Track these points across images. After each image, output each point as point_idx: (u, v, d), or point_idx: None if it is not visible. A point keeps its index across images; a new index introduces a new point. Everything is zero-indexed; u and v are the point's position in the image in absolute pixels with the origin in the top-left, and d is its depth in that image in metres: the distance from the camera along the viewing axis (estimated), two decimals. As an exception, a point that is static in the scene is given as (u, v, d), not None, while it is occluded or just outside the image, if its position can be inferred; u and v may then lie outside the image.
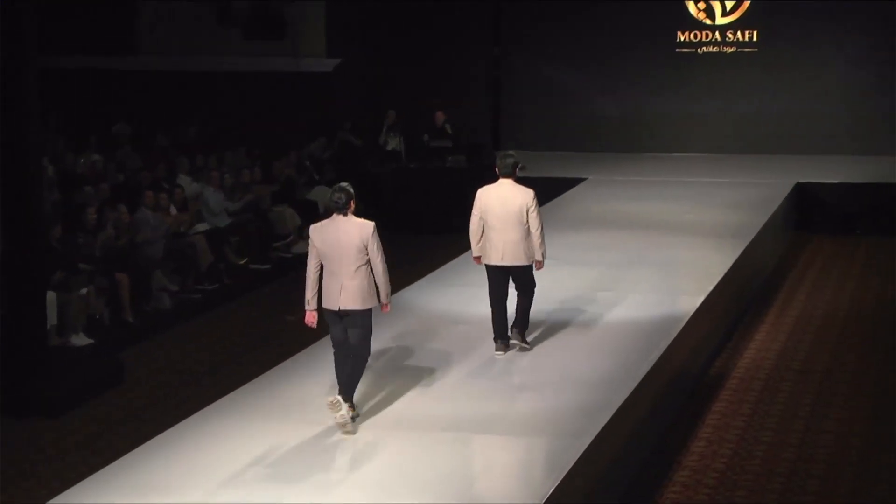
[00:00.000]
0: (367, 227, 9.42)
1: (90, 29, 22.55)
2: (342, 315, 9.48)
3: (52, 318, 13.23)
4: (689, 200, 18.56)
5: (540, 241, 10.90)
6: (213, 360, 14.09)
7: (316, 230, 9.52)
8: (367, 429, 9.52)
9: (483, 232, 10.97)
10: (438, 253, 16.63)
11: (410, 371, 10.73)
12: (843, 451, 10.97)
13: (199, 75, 22.48)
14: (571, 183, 20.07)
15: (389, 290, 9.54)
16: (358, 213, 9.74)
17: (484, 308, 11.70)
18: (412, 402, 10.03)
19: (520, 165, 11.19)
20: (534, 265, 11.05)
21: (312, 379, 10.60)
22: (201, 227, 16.85)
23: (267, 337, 14.82)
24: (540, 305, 12.07)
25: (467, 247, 15.30)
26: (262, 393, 10.33)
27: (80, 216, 15.13)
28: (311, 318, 9.65)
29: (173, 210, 16.60)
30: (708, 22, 22.74)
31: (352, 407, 9.46)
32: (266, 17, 21.91)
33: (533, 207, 10.81)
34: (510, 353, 11.26)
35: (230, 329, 15.36)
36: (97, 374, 13.00)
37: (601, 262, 14.51)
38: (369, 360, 9.76)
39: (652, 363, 10.90)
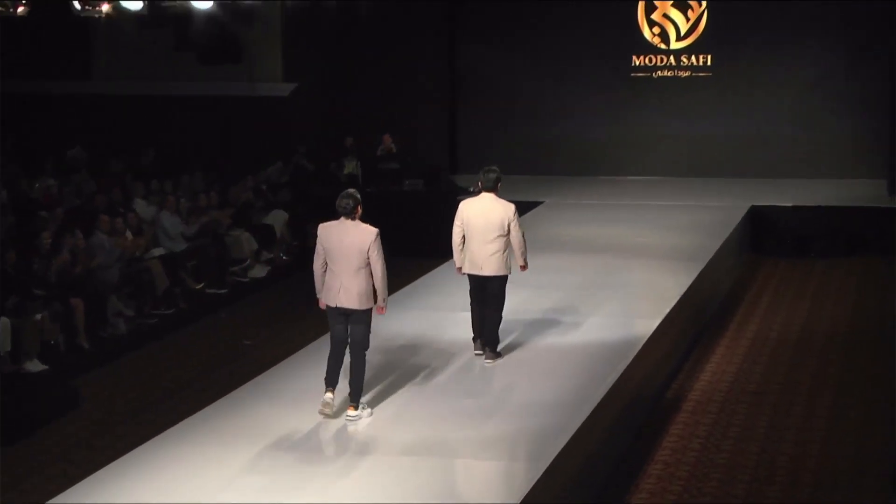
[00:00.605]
0: (370, 232, 10.04)
1: (45, 54, 22.43)
2: (343, 312, 10.07)
3: (5, 345, 13.12)
4: (645, 224, 18.64)
5: (522, 249, 11.46)
6: (169, 385, 14.00)
7: (323, 229, 10.20)
8: (330, 453, 9.49)
9: (464, 243, 11.43)
10: (395, 277, 16.59)
11: (369, 396, 10.71)
12: (799, 474, 11.03)
13: (155, 99, 22.41)
14: (528, 206, 20.10)
15: (386, 294, 10.15)
16: (315, 237, 9.90)
17: (441, 332, 11.78)
18: (372, 427, 10.01)
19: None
20: (519, 269, 11.61)
21: (270, 402, 10.56)
22: (157, 251, 16.77)
23: (224, 361, 14.76)
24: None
25: (424, 271, 15.46)
26: (219, 417, 10.28)
27: (34, 241, 15.02)
28: (324, 304, 10.29)
29: (129, 234, 16.52)
30: (663, 46, 22.90)
31: (354, 404, 10.03)
32: (222, 41, 21.87)
33: (514, 221, 11.33)
34: (468, 375, 11.30)
35: (187, 354, 15.28)
36: (52, 401, 12.89)
37: (558, 286, 14.54)
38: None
39: (609, 386, 10.93)
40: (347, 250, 10.00)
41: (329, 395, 10.02)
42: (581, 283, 14.77)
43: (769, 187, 21.47)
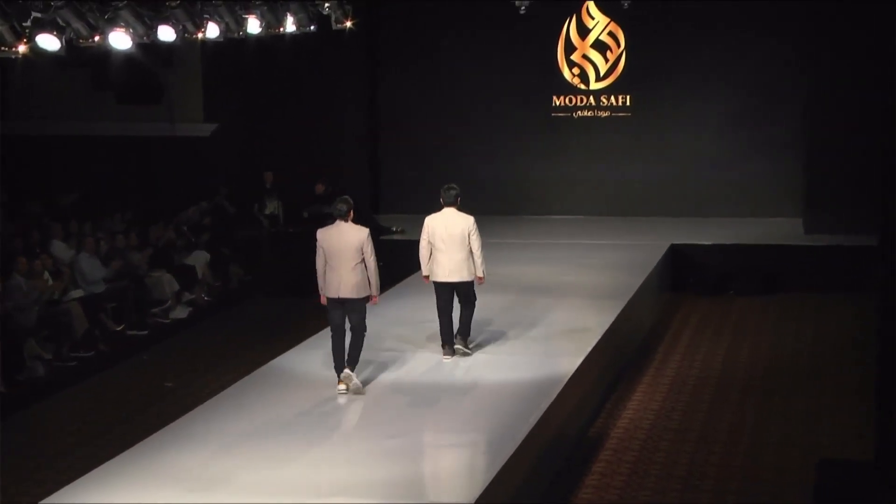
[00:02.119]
0: (362, 232, 11.91)
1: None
2: (342, 302, 11.84)
3: (-80, 389, 12.89)
4: (566, 263, 18.75)
5: (480, 259, 12.95)
6: (88, 429, 13.82)
7: (322, 233, 11.96)
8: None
9: (431, 254, 12.89)
10: (318, 317, 16.56)
11: (285, 437, 10.66)
12: (721, 509, 11.13)
13: (74, 140, 22.17)
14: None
15: (378, 286, 12.03)
16: (236, 278, 9.91)
17: (363, 374, 11.78)
18: (283, 471, 9.95)
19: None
20: (475, 281, 13.04)
21: (192, 446, 10.47)
22: (76, 293, 16.59)
23: (145, 404, 14.60)
24: (420, 367, 12.20)
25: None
26: (140, 461, 10.17)
27: (-50, 284, 14.79)
28: (325, 300, 12.09)
29: (47, 277, 16.32)
30: (582, 87, 23.11)
31: (351, 369, 11.81)
32: (142, 81, 21.72)
33: (473, 231, 12.90)
34: (389, 416, 11.29)
35: (107, 397, 15.10)
36: (-32, 446, 12.67)
37: (481, 324, 14.56)
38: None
39: (532, 425, 10.96)
40: (344, 248, 11.78)
41: (343, 385, 11.82)
42: (503, 322, 14.81)
43: (688, 226, 21.71)
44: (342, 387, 11.80)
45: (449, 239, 12.82)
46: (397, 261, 19.80)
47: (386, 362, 12.98)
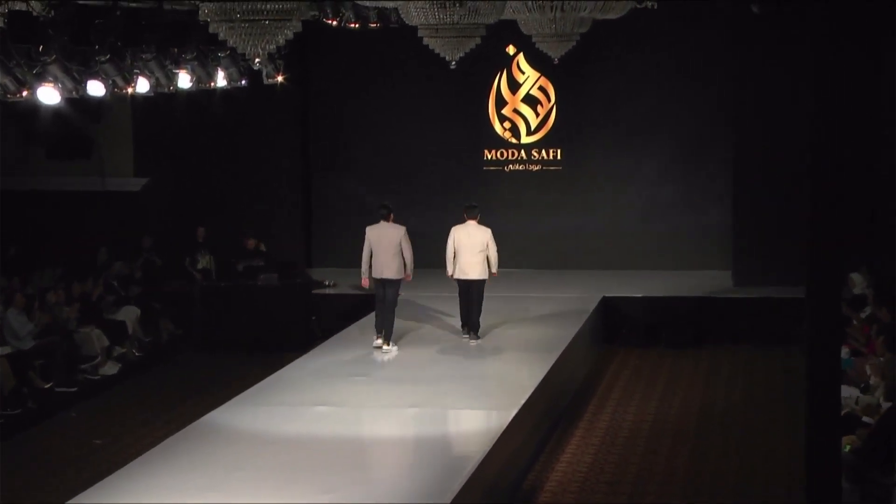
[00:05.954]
0: (400, 230, 15.99)
1: None
2: (383, 282, 15.86)
3: None
4: (498, 315, 18.74)
5: (495, 259, 16.57)
6: (15, 487, 13.59)
7: (370, 229, 16.05)
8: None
9: (455, 256, 16.40)
10: (250, 372, 16.47)
11: (215, 493, 10.56)
12: (654, 561, 11.13)
13: (3, 195, 21.92)
14: (383, 300, 20.12)
15: (412, 268, 16.06)
16: (167, 333, 9.83)
17: (296, 429, 11.73)
18: None
19: (475, 210, 16.75)
20: (490, 276, 16.57)
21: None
22: (3, 349, 16.36)
23: (74, 462, 14.40)
24: (352, 421, 12.15)
25: (280, 365, 15.43)
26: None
27: None
28: (366, 282, 16.35)
29: (-27, 333, 16.10)
30: (514, 141, 23.26)
31: (387, 342, 15.88)
32: (71, 136, 21.55)
33: (491, 240, 16.57)
34: (326, 473, 11.25)
35: (35, 455, 14.87)
36: None
37: (415, 378, 14.56)
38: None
39: (465, 479, 10.94)
40: (386, 241, 15.79)
41: (379, 339, 15.87)
42: (438, 375, 14.81)
43: (620, 278, 21.81)
44: (379, 341, 15.81)
45: (470, 246, 16.35)
46: (330, 315, 19.80)
47: (319, 416, 12.92)
